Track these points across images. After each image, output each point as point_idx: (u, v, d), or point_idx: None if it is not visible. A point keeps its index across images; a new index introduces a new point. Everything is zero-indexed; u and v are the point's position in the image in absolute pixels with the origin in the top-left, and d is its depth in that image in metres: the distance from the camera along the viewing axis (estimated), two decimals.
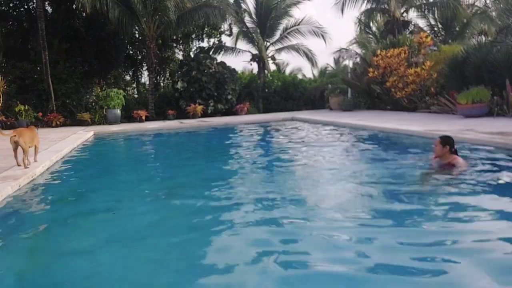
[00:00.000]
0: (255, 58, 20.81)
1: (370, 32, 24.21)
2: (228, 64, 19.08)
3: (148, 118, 17.03)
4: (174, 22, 16.88)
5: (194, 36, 21.54)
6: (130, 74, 22.98)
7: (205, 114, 17.34)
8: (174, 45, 21.90)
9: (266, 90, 20.40)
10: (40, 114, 15.74)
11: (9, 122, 15.19)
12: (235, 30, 21.86)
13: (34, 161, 6.79)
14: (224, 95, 18.15)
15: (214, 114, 17.80)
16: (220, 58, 20.48)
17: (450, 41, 19.28)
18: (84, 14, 17.45)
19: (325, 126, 12.32)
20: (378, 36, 22.35)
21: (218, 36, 21.72)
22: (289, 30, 21.43)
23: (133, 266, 3.10)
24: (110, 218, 4.33)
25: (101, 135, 12.80)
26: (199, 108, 17.14)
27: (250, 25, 21.16)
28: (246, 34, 21.26)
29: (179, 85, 17.84)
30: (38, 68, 17.34)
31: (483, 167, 5.41)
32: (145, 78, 22.47)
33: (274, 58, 22.09)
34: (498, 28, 15.96)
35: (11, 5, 18.63)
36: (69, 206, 4.92)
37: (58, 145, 9.21)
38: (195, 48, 22.05)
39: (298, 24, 21.27)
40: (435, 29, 21.78)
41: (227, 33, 21.86)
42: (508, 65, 11.12)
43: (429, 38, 15.53)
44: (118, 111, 16.55)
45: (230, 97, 18.29)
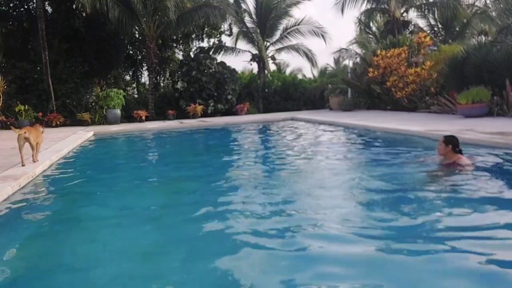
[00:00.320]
0: (255, 58, 20.82)
1: (370, 32, 24.22)
2: (228, 64, 19.12)
3: (148, 118, 17.04)
4: (174, 22, 16.89)
5: (194, 36, 21.55)
6: (130, 74, 23.00)
7: (205, 114, 17.35)
8: (174, 45, 21.92)
9: (266, 90, 20.41)
10: (40, 114, 15.74)
11: (9, 122, 15.17)
12: (235, 30, 21.89)
13: (35, 160, 6.78)
14: (224, 95, 18.15)
15: (214, 114, 17.81)
16: (220, 58, 20.54)
17: (450, 41, 19.29)
18: (84, 14, 17.47)
19: (325, 126, 12.32)
20: (378, 36, 22.35)
21: (218, 36, 21.73)
22: (289, 30, 21.44)
23: (133, 265, 3.10)
24: (110, 218, 4.32)
25: (101, 135, 12.80)
26: (199, 108, 17.15)
27: (250, 25, 21.17)
28: (246, 34, 21.27)
29: (179, 85, 17.85)
30: (38, 68, 17.35)
31: (484, 167, 5.42)
32: (145, 78, 22.53)
33: (274, 58, 22.11)
34: (498, 28, 15.97)
35: (11, 5, 18.64)
36: (69, 206, 4.92)
37: (58, 145, 9.20)
38: (195, 48, 22.08)
39: (298, 24, 21.29)
40: (435, 29, 21.79)
41: (227, 33, 21.89)
42: (508, 65, 11.12)
43: (428, 38, 15.53)
44: (118, 111, 16.55)
45: (230, 97, 18.30)
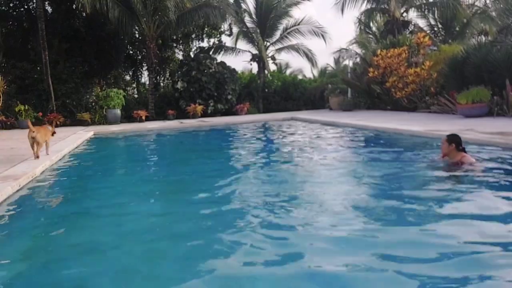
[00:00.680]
0: (255, 58, 20.82)
1: (370, 32, 24.22)
2: (228, 64, 19.11)
3: (148, 118, 17.04)
4: (174, 22, 16.88)
5: (194, 36, 21.54)
6: (130, 74, 22.98)
7: (205, 114, 17.35)
8: (174, 45, 21.91)
9: (266, 90, 20.41)
10: (40, 114, 15.73)
11: (9, 122, 15.19)
12: (235, 30, 21.89)
13: (46, 154, 7.56)
14: (224, 95, 18.16)
15: (214, 114, 17.81)
16: (220, 58, 20.53)
17: (450, 41, 19.29)
18: (84, 14, 17.45)
19: (325, 126, 12.32)
20: (378, 36, 22.35)
21: (218, 36, 21.73)
22: (289, 30, 21.44)
23: (132, 265, 3.10)
24: (110, 217, 4.32)
25: (101, 135, 12.80)
26: (199, 108, 17.15)
27: (250, 25, 21.17)
28: (246, 34, 21.27)
29: (179, 85, 17.85)
30: (38, 68, 17.34)
31: (485, 166, 5.43)
32: (145, 78, 22.51)
33: (274, 58, 22.10)
34: (498, 28, 15.97)
35: (11, 5, 18.63)
36: (69, 205, 4.93)
37: (58, 145, 9.20)
38: (195, 48, 22.07)
39: (298, 24, 21.28)
40: (435, 29, 21.79)
41: (227, 33, 21.89)
42: (508, 65, 11.13)
43: (427, 38, 15.54)
44: (118, 111, 16.56)
45: (230, 97, 18.30)
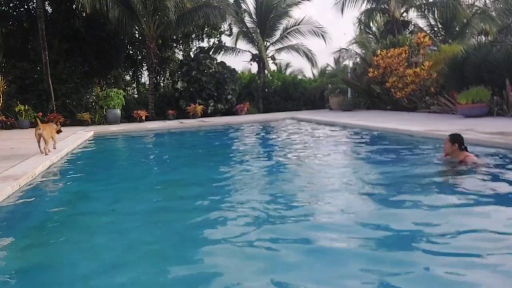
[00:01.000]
0: (255, 58, 20.81)
1: (370, 32, 24.21)
2: (228, 64, 19.10)
3: (148, 118, 17.03)
4: (174, 22, 16.88)
5: (194, 36, 21.53)
6: (130, 74, 22.97)
7: (205, 114, 17.35)
8: (174, 45, 21.90)
9: (266, 90, 20.41)
10: (40, 114, 15.72)
11: (9, 122, 15.18)
12: (235, 30, 21.87)
13: (53, 148, 8.16)
14: (224, 95, 18.15)
15: (214, 114, 17.81)
16: (220, 58, 20.52)
17: (450, 41, 19.28)
18: (84, 14, 17.44)
19: (325, 126, 12.31)
20: (378, 36, 22.35)
21: (218, 36, 21.71)
22: (289, 30, 21.43)
23: (132, 265, 3.10)
24: (110, 217, 4.33)
25: (101, 135, 12.79)
26: (199, 108, 17.15)
27: (250, 25, 21.17)
28: (246, 34, 21.26)
29: (179, 85, 17.84)
30: (38, 68, 17.33)
31: (487, 163, 5.45)
32: (145, 78, 22.49)
33: (274, 58, 22.10)
34: (498, 28, 15.97)
35: (11, 5, 18.62)
36: (69, 205, 4.93)
37: (58, 145, 9.18)
38: (195, 48, 22.06)
39: (298, 24, 21.27)
40: (435, 29, 21.78)
41: (227, 33, 21.87)
42: (508, 65, 11.13)
43: (427, 38, 15.54)
44: (118, 111, 16.55)
45: (230, 97, 18.29)
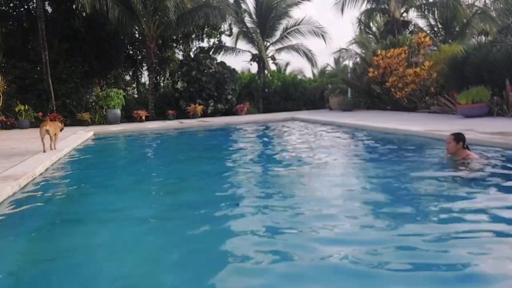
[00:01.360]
0: (255, 58, 20.81)
1: (370, 32, 24.21)
2: (228, 64, 19.10)
3: (148, 118, 17.04)
4: (174, 22, 16.88)
5: (194, 36, 21.53)
6: (130, 74, 22.97)
7: (205, 114, 17.35)
8: (174, 45, 21.90)
9: (266, 90, 20.41)
10: (40, 114, 15.74)
11: (9, 122, 15.19)
12: (235, 30, 21.87)
13: (53, 148, 8.24)
14: (224, 95, 18.15)
15: (214, 114, 17.81)
16: (220, 58, 20.51)
17: (450, 41, 19.27)
18: (84, 14, 17.44)
19: (325, 126, 12.31)
20: (378, 36, 22.34)
21: (218, 36, 21.71)
22: (289, 30, 21.42)
23: (132, 265, 3.10)
24: (110, 218, 4.32)
25: (101, 135, 12.80)
26: (199, 108, 17.15)
27: (250, 25, 21.16)
28: (246, 34, 21.26)
29: (179, 85, 17.84)
30: (38, 68, 17.34)
31: (490, 162, 5.47)
32: (145, 78, 22.49)
33: (274, 58, 22.09)
34: (498, 28, 15.96)
35: (11, 5, 18.62)
36: (69, 205, 4.93)
37: (58, 145, 9.19)
38: (195, 48, 22.06)
39: (298, 24, 21.27)
40: (435, 29, 21.78)
41: (227, 33, 21.87)
42: (508, 65, 11.12)
43: (427, 38, 15.53)
44: (118, 111, 16.56)
45: (230, 97, 18.29)
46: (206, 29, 21.04)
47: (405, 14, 20.33)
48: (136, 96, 21.53)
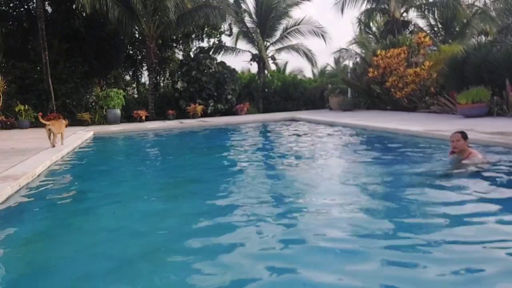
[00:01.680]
0: (255, 58, 20.81)
1: (370, 32, 24.22)
2: (228, 64, 19.11)
3: (148, 118, 17.05)
4: (174, 22, 16.88)
5: (194, 36, 21.54)
6: (130, 74, 22.97)
7: (205, 114, 17.36)
8: (174, 45, 21.90)
9: (266, 90, 20.42)
10: (40, 114, 15.70)
11: (9, 122, 15.19)
12: (235, 30, 21.88)
13: (61, 144, 9.05)
14: (224, 95, 18.16)
15: (214, 114, 17.81)
16: (220, 58, 20.52)
17: (450, 41, 19.28)
18: (84, 14, 17.44)
19: (325, 126, 12.32)
20: (378, 36, 22.35)
21: (218, 36, 21.72)
22: (289, 30, 21.43)
23: (132, 266, 3.10)
24: (110, 218, 4.32)
25: (101, 135, 12.80)
26: (199, 108, 17.15)
27: (250, 25, 21.17)
28: (246, 34, 21.27)
29: (179, 85, 17.85)
30: (38, 68, 17.34)
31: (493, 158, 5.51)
32: (145, 78, 22.50)
33: (274, 58, 22.11)
34: (498, 28, 15.96)
35: (11, 5, 18.62)
36: (69, 205, 4.92)
37: (58, 145, 9.21)
38: (195, 48, 22.06)
39: (298, 24, 21.27)
40: (435, 29, 21.78)
41: (227, 33, 21.87)
42: (508, 65, 11.13)
43: (427, 38, 15.53)
44: (118, 111, 16.56)
45: (230, 97, 18.30)
46: (206, 29, 21.05)
47: (405, 14, 20.35)
48: (136, 96, 21.54)
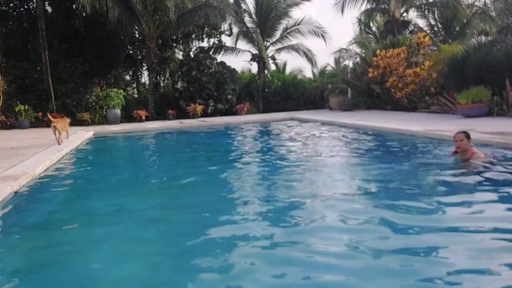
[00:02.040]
0: (255, 58, 20.82)
1: (370, 32, 24.22)
2: (228, 64, 19.12)
3: (148, 118, 17.05)
4: (174, 22, 16.89)
5: (194, 36, 21.54)
6: (130, 74, 22.97)
7: (205, 114, 17.36)
8: (174, 45, 21.90)
9: (266, 90, 20.42)
10: (40, 114, 15.74)
11: (9, 122, 15.19)
12: (235, 30, 21.88)
13: (66, 138, 9.88)
14: (224, 95, 18.17)
15: (214, 114, 17.82)
16: (220, 58, 20.51)
17: (450, 41, 19.28)
18: (84, 14, 17.42)
19: (325, 126, 12.32)
20: (378, 36, 22.35)
21: (218, 36, 21.72)
22: (289, 30, 21.43)
23: (133, 265, 3.10)
24: (110, 218, 4.33)
25: (101, 135, 12.80)
26: (199, 108, 17.16)
27: (250, 25, 21.17)
28: (246, 34, 21.27)
29: (179, 85, 17.86)
30: (38, 68, 17.34)
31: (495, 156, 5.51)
32: (145, 78, 22.49)
33: (274, 58, 22.11)
34: (498, 28, 15.96)
35: (11, 5, 18.63)
36: (68, 206, 4.93)
37: (61, 143, 9.22)
38: (195, 48, 22.06)
39: (298, 24, 21.27)
40: (435, 29, 21.79)
41: (227, 33, 21.87)
42: (508, 65, 11.13)
43: (427, 38, 15.53)
44: (118, 111, 16.57)
45: (230, 97, 18.31)
46: (206, 29, 21.05)
47: (405, 14, 20.35)
48: (136, 96, 21.54)
